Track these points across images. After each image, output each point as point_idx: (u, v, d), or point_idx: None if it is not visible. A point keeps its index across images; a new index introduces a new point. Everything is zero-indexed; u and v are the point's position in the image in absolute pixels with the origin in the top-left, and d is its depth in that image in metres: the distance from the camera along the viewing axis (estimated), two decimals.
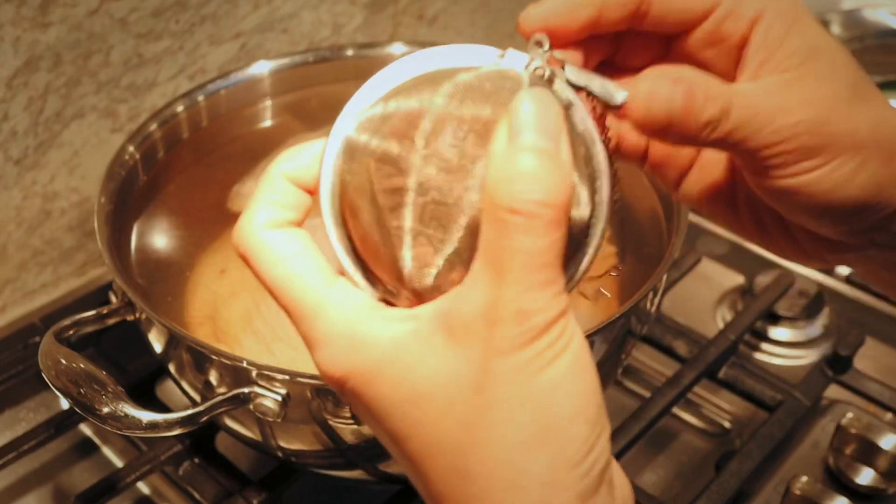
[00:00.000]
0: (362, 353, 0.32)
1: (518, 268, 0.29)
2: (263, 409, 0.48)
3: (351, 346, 0.32)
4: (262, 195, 0.35)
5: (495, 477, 0.31)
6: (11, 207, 0.71)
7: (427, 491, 0.33)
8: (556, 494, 0.30)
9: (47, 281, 0.76)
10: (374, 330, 0.32)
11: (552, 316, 0.30)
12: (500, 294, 0.30)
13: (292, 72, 0.72)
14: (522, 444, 0.30)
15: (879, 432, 0.60)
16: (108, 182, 0.60)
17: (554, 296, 0.30)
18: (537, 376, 0.30)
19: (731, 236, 0.82)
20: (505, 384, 0.30)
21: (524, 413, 0.30)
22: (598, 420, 0.31)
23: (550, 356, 0.30)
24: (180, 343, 0.52)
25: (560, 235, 0.30)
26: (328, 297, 0.33)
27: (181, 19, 0.74)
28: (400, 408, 0.32)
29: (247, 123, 0.72)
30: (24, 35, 0.65)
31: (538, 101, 0.31)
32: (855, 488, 0.60)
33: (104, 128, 0.74)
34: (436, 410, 0.31)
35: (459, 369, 0.31)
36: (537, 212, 0.29)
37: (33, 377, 0.66)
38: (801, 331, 0.72)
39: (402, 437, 0.32)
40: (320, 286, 0.33)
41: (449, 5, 0.95)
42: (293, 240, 0.34)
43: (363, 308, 0.33)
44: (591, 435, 0.31)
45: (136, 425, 0.47)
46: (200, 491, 0.59)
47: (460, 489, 0.31)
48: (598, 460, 0.31)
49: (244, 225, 0.34)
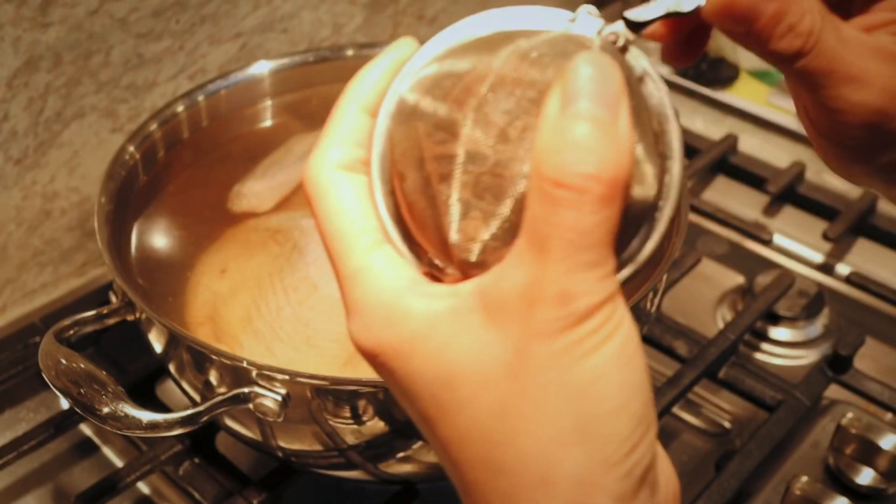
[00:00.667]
0: (396, 326, 0.30)
1: (563, 246, 0.27)
2: (263, 409, 0.48)
3: (385, 319, 0.30)
4: (336, 128, 0.33)
5: (525, 472, 0.28)
6: (11, 207, 0.71)
7: (456, 478, 0.31)
8: (589, 495, 0.28)
9: (47, 281, 0.76)
10: (411, 304, 0.30)
11: (597, 300, 0.28)
12: (542, 273, 0.27)
13: (292, 72, 0.72)
14: (557, 437, 0.28)
15: (879, 432, 0.60)
16: (108, 182, 0.60)
17: (600, 278, 0.28)
18: (578, 364, 0.28)
19: (732, 236, 0.82)
20: (542, 371, 0.28)
21: (561, 404, 0.28)
22: (643, 417, 0.29)
23: (593, 343, 0.28)
24: (180, 343, 0.51)
25: (612, 213, 0.27)
26: (370, 262, 0.31)
27: (181, 19, 0.74)
28: (430, 388, 0.30)
29: (247, 123, 0.72)
30: (24, 35, 0.65)
31: (597, 66, 0.28)
32: (855, 488, 0.60)
33: (104, 128, 0.74)
34: (467, 394, 0.29)
35: (494, 351, 0.28)
36: (586, 186, 0.27)
37: (33, 377, 0.66)
38: (801, 331, 0.72)
39: (431, 419, 0.30)
40: (366, 249, 0.31)
41: (449, 5, 0.95)
42: (357, 189, 0.32)
43: (403, 280, 0.31)
44: (635, 433, 0.28)
45: (137, 425, 0.47)
46: (200, 491, 0.59)
47: (488, 482, 0.29)
48: (640, 461, 0.29)
49: (316, 161, 0.33)
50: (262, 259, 0.60)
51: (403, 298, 0.30)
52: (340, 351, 0.55)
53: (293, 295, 0.57)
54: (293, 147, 0.70)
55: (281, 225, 0.63)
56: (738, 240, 0.82)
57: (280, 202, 0.65)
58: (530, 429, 0.28)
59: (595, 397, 0.28)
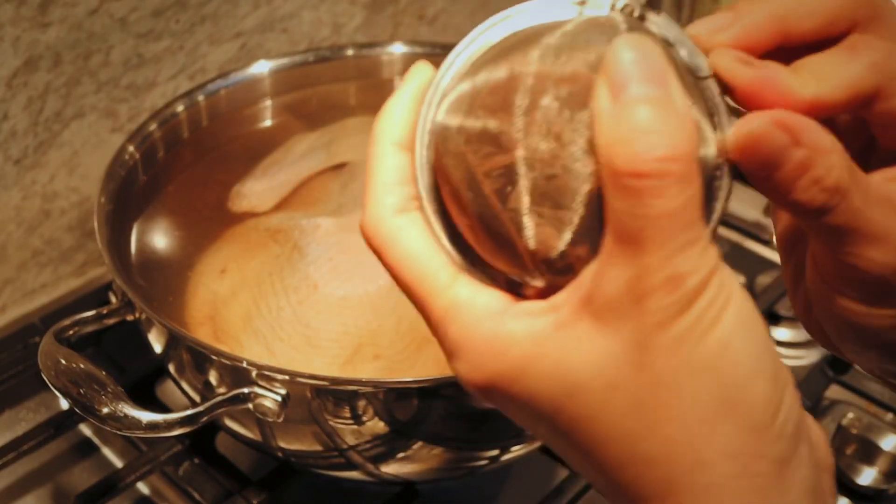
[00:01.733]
0: (504, 355, 0.30)
1: (657, 235, 0.26)
2: (263, 410, 0.48)
3: (490, 350, 0.30)
4: (380, 173, 0.32)
5: (678, 458, 0.28)
6: (11, 207, 0.71)
7: (604, 482, 0.30)
8: (749, 465, 0.27)
9: (47, 281, 0.76)
10: (513, 329, 0.30)
11: (705, 274, 0.27)
12: (643, 265, 0.27)
13: (292, 72, 0.72)
14: (701, 416, 0.27)
15: (880, 432, 0.60)
16: (107, 182, 0.60)
17: (702, 252, 0.27)
18: (702, 341, 0.27)
19: (732, 236, 0.82)
20: (668, 357, 0.27)
21: (696, 383, 0.27)
22: (778, 374, 0.28)
23: (712, 317, 0.27)
24: (180, 343, 0.51)
25: (695, 188, 0.27)
26: (456, 298, 0.31)
27: (181, 19, 0.74)
28: (555, 404, 0.29)
29: (247, 123, 0.72)
30: (24, 35, 0.65)
31: (635, 47, 0.27)
32: (856, 488, 0.60)
33: (104, 128, 0.74)
34: (596, 401, 0.28)
35: (614, 352, 0.28)
36: (665, 169, 0.26)
37: (33, 377, 0.66)
38: (801, 331, 0.72)
39: (562, 432, 0.30)
40: (447, 287, 0.31)
41: (449, 5, 0.95)
42: (420, 229, 0.32)
43: (494, 306, 0.30)
44: (776, 392, 0.28)
45: (136, 425, 0.47)
46: (200, 491, 0.59)
47: (642, 477, 0.28)
48: (788, 418, 0.28)
49: (375, 212, 0.32)
50: (262, 259, 0.60)
51: (503, 325, 0.30)
52: (340, 351, 0.55)
53: (293, 295, 0.57)
54: (293, 147, 0.70)
55: (281, 225, 0.63)
56: (738, 240, 0.82)
57: (280, 202, 0.65)
58: (672, 415, 0.28)
59: (728, 368, 0.27)
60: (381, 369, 0.54)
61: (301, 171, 0.67)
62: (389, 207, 0.32)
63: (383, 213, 0.32)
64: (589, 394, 0.28)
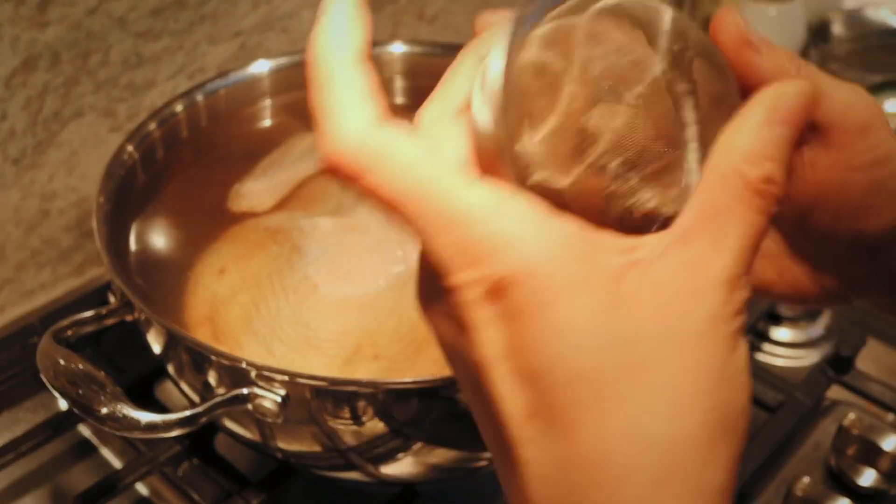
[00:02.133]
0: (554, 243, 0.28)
1: (741, 242, 0.29)
2: (263, 410, 0.48)
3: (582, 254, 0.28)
4: (349, 86, 0.30)
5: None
6: (10, 207, 0.71)
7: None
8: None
9: (46, 281, 0.76)
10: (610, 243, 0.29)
11: (747, 297, 0.30)
12: (714, 259, 0.29)
13: (292, 71, 0.72)
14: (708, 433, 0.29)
15: (881, 433, 0.60)
16: (106, 182, 0.60)
17: (750, 278, 0.30)
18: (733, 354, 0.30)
19: None
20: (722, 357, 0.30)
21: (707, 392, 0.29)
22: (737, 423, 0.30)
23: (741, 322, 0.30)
24: (179, 343, 0.51)
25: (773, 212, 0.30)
26: (497, 190, 0.28)
27: (180, 18, 0.74)
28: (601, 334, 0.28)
29: (246, 123, 0.72)
30: (23, 34, 0.65)
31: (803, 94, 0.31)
32: (857, 489, 0.59)
33: (103, 127, 0.74)
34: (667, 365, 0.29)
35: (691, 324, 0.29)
36: (775, 194, 0.30)
37: (32, 378, 0.66)
38: (802, 331, 0.72)
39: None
40: (471, 183, 0.29)
41: (449, 4, 0.95)
42: (409, 134, 0.29)
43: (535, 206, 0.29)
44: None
45: (135, 426, 0.47)
46: (199, 492, 0.59)
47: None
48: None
49: (353, 127, 0.29)
50: (262, 259, 0.60)
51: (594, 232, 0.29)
52: (340, 351, 0.54)
53: (293, 295, 0.57)
54: (292, 147, 0.70)
55: (280, 225, 0.62)
56: None
57: (279, 202, 0.65)
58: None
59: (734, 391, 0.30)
60: (380, 370, 0.54)
61: (300, 171, 0.67)
62: (370, 119, 0.29)
63: (364, 126, 0.29)
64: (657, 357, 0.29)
